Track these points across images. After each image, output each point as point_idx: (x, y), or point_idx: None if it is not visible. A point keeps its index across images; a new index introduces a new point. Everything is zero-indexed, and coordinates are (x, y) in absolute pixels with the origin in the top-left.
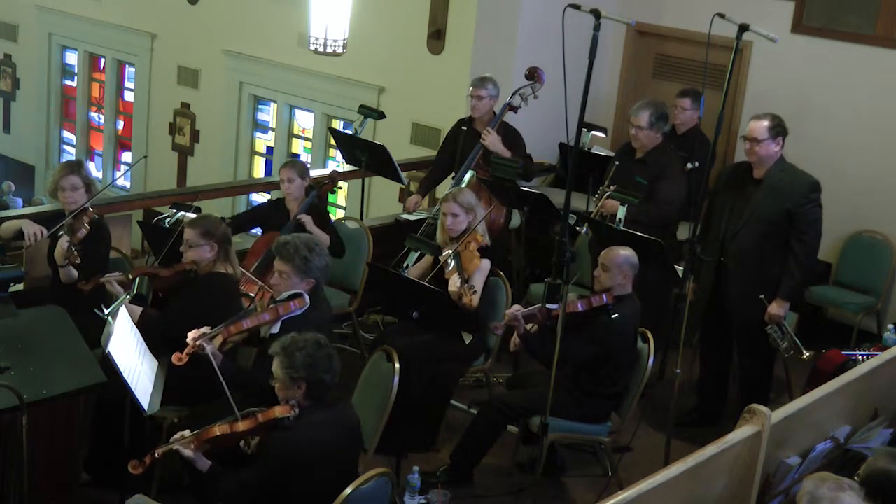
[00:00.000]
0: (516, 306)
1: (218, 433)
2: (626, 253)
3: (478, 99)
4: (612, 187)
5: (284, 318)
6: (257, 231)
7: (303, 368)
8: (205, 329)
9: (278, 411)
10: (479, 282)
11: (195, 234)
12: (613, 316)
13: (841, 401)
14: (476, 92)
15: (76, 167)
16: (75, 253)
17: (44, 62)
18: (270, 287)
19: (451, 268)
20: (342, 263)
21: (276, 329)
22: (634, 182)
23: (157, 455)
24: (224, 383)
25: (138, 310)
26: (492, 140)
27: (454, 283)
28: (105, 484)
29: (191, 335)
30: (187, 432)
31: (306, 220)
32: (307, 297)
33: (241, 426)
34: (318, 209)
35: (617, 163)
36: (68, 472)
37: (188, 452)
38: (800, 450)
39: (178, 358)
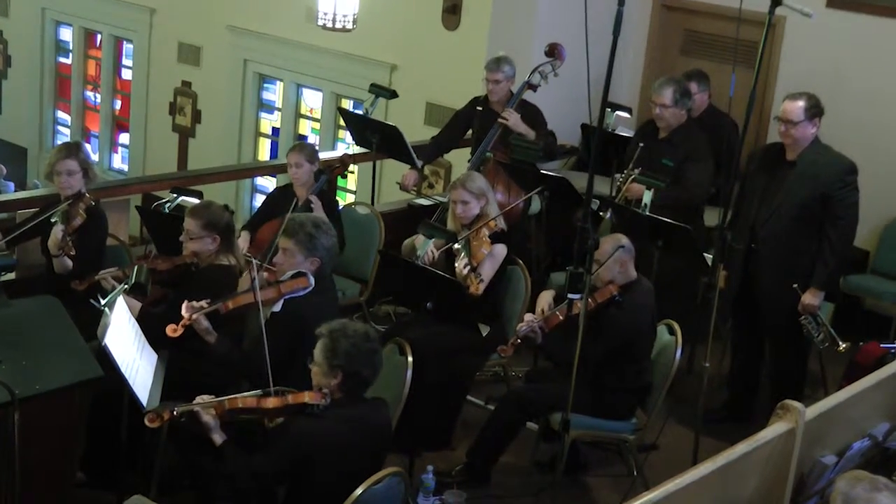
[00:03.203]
0: (528, 315)
1: (242, 405)
2: (613, 241)
3: (494, 83)
4: (636, 170)
5: (287, 296)
6: None
7: (344, 357)
8: (202, 302)
9: (308, 396)
10: (488, 269)
11: (197, 226)
12: (624, 307)
13: (879, 396)
14: (492, 76)
15: (74, 150)
16: (70, 243)
17: (37, 38)
18: (274, 266)
19: (460, 256)
20: (353, 252)
21: (277, 308)
22: (661, 165)
23: (175, 413)
24: (268, 360)
25: (137, 305)
26: (514, 120)
27: (459, 269)
28: (102, 484)
29: (185, 308)
30: (209, 397)
31: (316, 202)
32: (311, 278)
33: (269, 403)
34: (328, 198)
35: (641, 144)
36: (63, 471)
37: (207, 418)
38: (836, 448)
39: (172, 329)
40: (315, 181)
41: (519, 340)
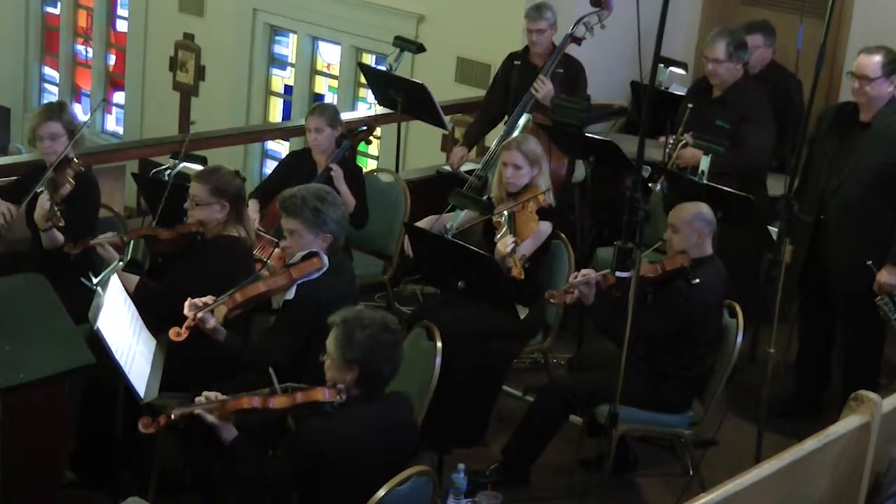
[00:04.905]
0: (584, 270)
1: (247, 406)
2: (695, 209)
3: (539, 33)
4: (687, 135)
5: (299, 281)
6: None
7: (360, 351)
8: (206, 298)
9: (321, 394)
10: (528, 247)
11: (204, 191)
12: (695, 281)
13: None
14: (534, 25)
15: (56, 111)
16: (58, 214)
17: None
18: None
19: (503, 231)
20: (375, 224)
21: (290, 295)
22: (714, 127)
23: (173, 417)
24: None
25: (134, 279)
26: (544, 94)
27: (505, 245)
28: (94, 484)
29: (188, 306)
30: (213, 395)
31: (337, 171)
32: (324, 257)
33: (276, 402)
34: (349, 166)
35: (690, 105)
36: (50, 470)
37: (211, 418)
38: None
39: (176, 333)
40: (336, 147)
41: (573, 290)
